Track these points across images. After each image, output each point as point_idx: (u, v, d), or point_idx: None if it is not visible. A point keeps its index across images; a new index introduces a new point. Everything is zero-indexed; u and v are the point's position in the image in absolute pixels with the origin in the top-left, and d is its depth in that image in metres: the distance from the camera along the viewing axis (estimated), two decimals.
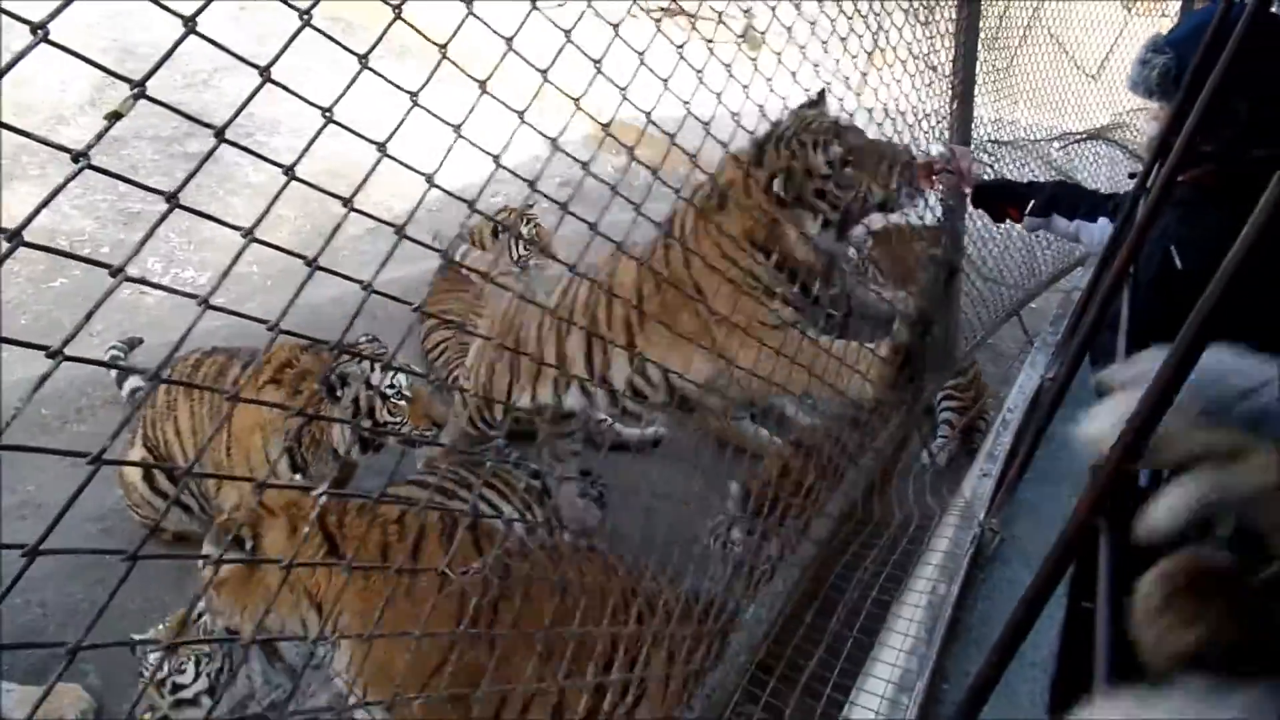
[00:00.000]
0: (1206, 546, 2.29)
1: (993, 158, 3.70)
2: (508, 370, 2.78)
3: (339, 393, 2.37)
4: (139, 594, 2.72)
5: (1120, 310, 1.79)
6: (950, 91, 3.08)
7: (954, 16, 2.93)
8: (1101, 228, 2.55)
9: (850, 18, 2.14)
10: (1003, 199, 2.81)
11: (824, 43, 1.92)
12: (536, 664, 1.56)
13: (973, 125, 3.27)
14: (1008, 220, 2.89)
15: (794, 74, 1.80)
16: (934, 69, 2.87)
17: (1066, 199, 2.66)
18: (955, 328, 3.71)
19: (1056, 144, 4.91)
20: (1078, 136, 5.17)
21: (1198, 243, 1.99)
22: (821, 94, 2.22)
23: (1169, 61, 2.06)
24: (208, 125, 0.80)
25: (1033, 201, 2.68)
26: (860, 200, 2.23)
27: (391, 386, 2.45)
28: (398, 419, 2.47)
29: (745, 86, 1.65)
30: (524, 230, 3.99)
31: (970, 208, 3.02)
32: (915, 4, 2.61)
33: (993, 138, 3.79)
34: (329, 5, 1.00)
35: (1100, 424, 0.95)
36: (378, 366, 2.40)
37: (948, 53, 2.96)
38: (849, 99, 2.29)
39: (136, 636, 2.20)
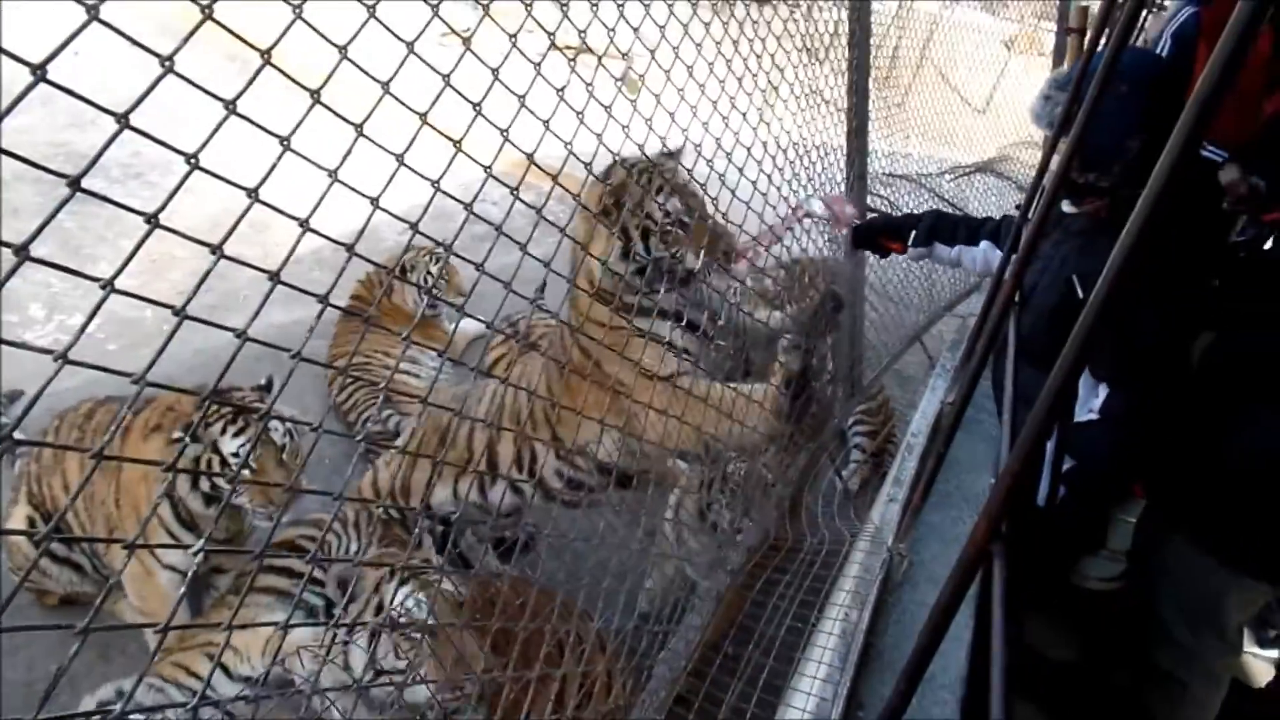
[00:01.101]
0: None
1: (888, 189, 3.85)
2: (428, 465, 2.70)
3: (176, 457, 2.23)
4: (21, 664, 2.54)
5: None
6: (846, 126, 3.19)
7: (846, 56, 3.04)
8: (983, 251, 2.67)
9: (745, 58, 2.20)
10: (883, 235, 2.93)
11: (700, 85, 1.95)
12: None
13: (869, 158, 3.39)
14: (892, 254, 3.00)
15: (672, 115, 1.82)
16: (830, 104, 2.97)
17: (945, 227, 2.77)
18: (861, 355, 3.81)
19: (948, 176, 5.14)
20: (967, 169, 5.43)
21: (1098, 274, 2.10)
22: (681, 148, 2.21)
23: (1067, 99, 2.18)
24: (61, 175, 0.76)
25: (913, 233, 2.79)
26: (670, 259, 2.21)
27: (235, 455, 2.25)
28: (235, 490, 2.30)
29: (625, 127, 1.67)
30: (433, 270, 3.94)
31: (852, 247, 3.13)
32: (813, 44, 2.70)
33: (888, 170, 3.94)
34: (230, 43, 0.97)
35: None
36: (230, 429, 2.25)
37: (842, 89, 3.07)
38: (745, 132, 2.35)
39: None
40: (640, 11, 1.71)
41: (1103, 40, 2.08)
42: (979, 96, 5.68)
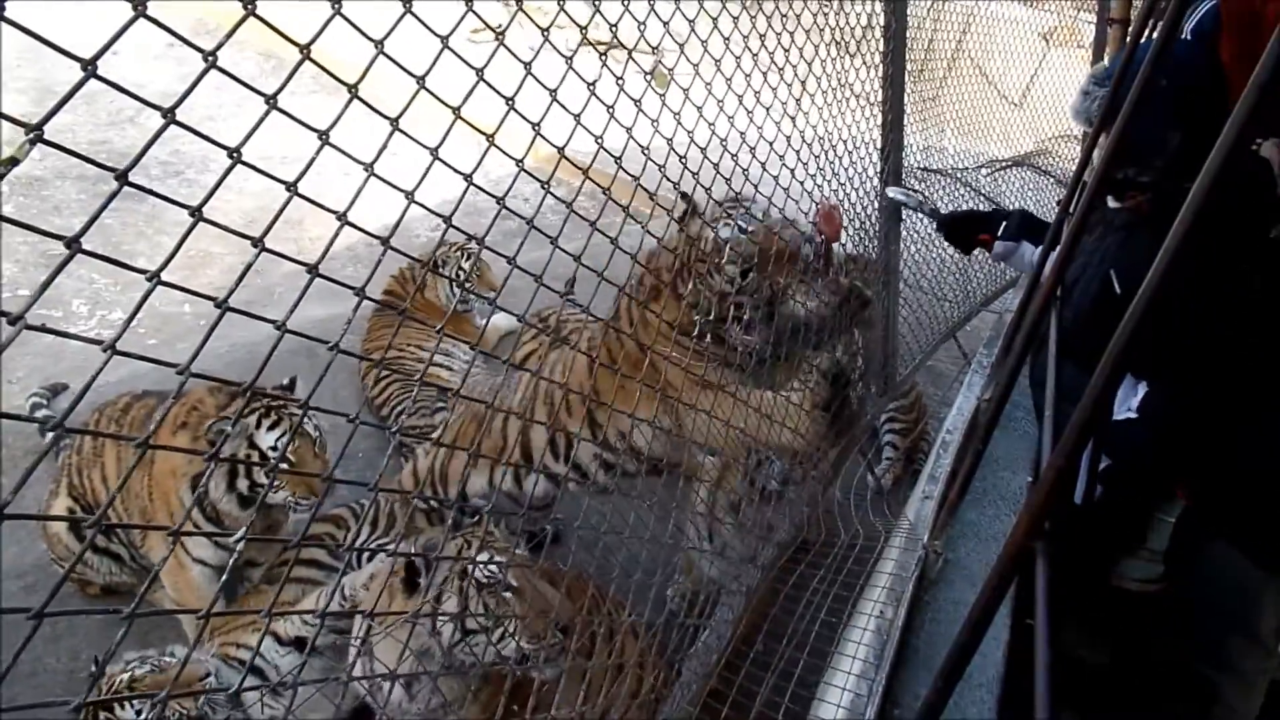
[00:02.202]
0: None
1: (923, 183, 3.80)
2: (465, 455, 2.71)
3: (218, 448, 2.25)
4: (65, 652, 2.60)
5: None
6: (881, 120, 3.16)
7: (881, 49, 3.01)
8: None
9: (773, 51, 2.18)
10: (973, 229, 2.89)
11: (728, 79, 1.94)
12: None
13: (904, 152, 3.36)
14: (978, 250, 2.97)
15: (699, 110, 1.81)
16: (863, 98, 2.95)
17: (1036, 226, 2.73)
18: (894, 351, 3.78)
19: (984, 170, 5.07)
20: (1004, 163, 5.35)
21: (1135, 268, 2.06)
22: (740, 194, 2.27)
23: (1109, 95, 2.14)
24: (109, 169, 0.77)
25: (1004, 224, 2.75)
26: (771, 291, 2.28)
27: (273, 448, 2.27)
28: (274, 483, 2.33)
29: (654, 121, 1.66)
30: (464, 265, 3.96)
31: (944, 240, 3.11)
32: (844, 37, 2.68)
33: (923, 165, 3.90)
34: (264, 41, 0.98)
35: None
36: (264, 423, 2.27)
37: (877, 83, 3.04)
38: (784, 127, 2.34)
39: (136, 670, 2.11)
40: (671, 6, 1.70)
41: (1146, 32, 2.04)
42: (1015, 90, 5.59)
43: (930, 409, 4.27)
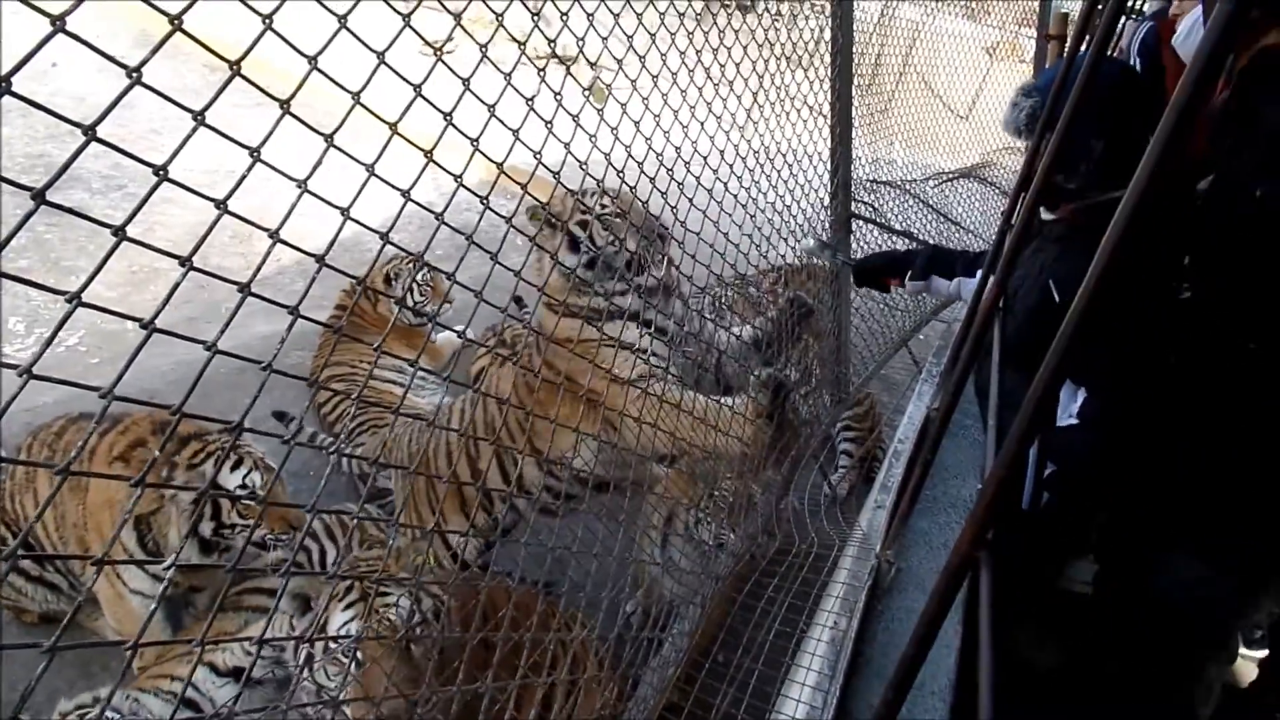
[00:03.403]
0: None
1: (873, 195, 3.86)
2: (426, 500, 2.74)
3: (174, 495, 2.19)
4: (21, 681, 2.51)
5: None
6: (830, 133, 3.21)
7: (829, 63, 3.06)
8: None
9: (724, 64, 2.20)
10: (881, 273, 2.97)
11: (662, 94, 1.95)
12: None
13: (853, 165, 3.41)
14: (892, 289, 3.05)
15: (636, 124, 1.83)
16: (812, 111, 2.98)
17: (942, 261, 2.82)
18: (847, 360, 3.82)
19: (932, 182, 5.16)
20: (951, 175, 5.45)
21: (1073, 278, 2.11)
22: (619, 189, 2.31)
23: (1035, 104, 2.20)
24: (26, 188, 0.74)
25: (910, 270, 2.83)
26: (615, 249, 2.30)
27: (243, 486, 2.23)
28: (247, 521, 2.25)
29: (592, 136, 1.67)
30: (418, 278, 3.91)
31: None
32: (791, 52, 2.71)
33: (872, 177, 3.95)
34: (211, 56, 0.95)
35: None
36: (227, 464, 2.21)
37: (825, 96, 3.08)
38: (733, 137, 2.36)
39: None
40: (610, 22, 1.71)
41: (1082, 47, 2.10)
42: (962, 102, 5.71)
43: (884, 417, 4.32)
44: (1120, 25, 2.77)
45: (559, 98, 1.54)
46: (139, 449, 2.24)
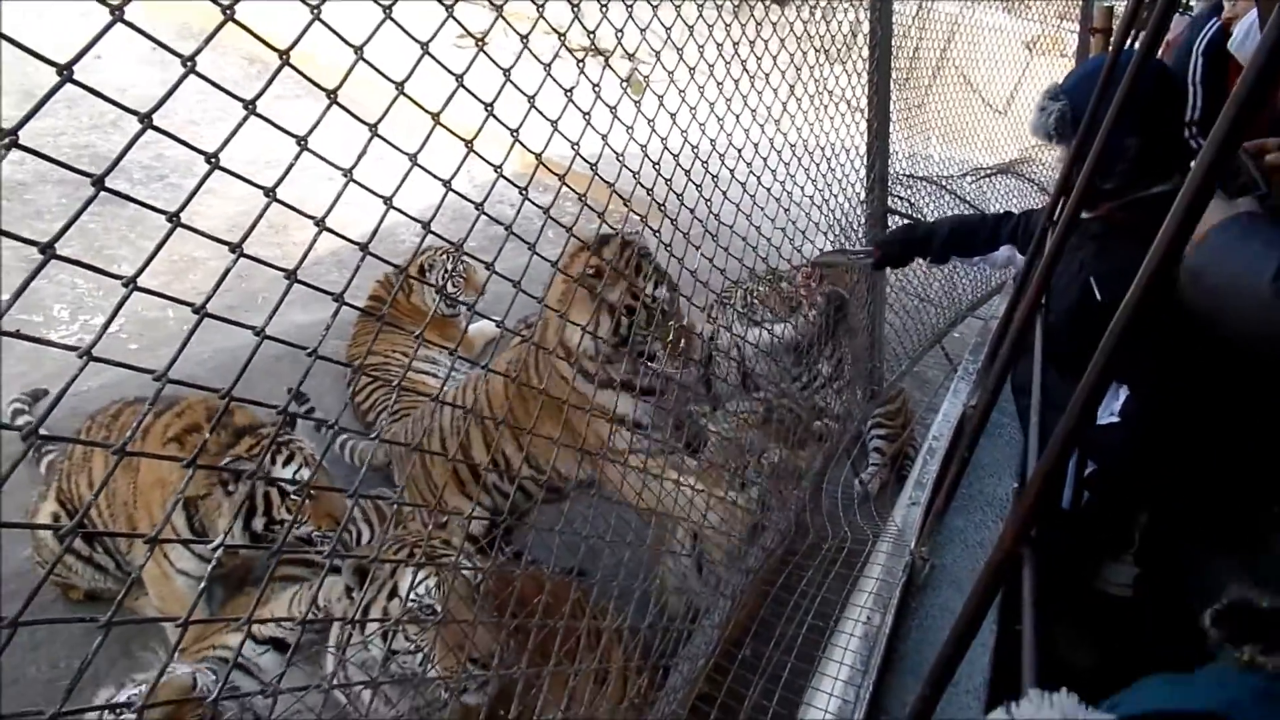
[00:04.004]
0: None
1: (909, 190, 3.82)
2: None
3: (230, 489, 2.22)
4: (44, 660, 2.56)
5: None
6: (866, 127, 3.18)
7: (866, 56, 3.03)
8: (1006, 255, 2.66)
9: (760, 57, 2.19)
10: (906, 254, 2.93)
11: (700, 86, 1.95)
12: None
13: (889, 159, 3.38)
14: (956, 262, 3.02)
15: (673, 116, 1.83)
16: (850, 105, 2.96)
17: (962, 239, 2.76)
18: (882, 355, 3.79)
19: (969, 178, 5.10)
20: (988, 170, 5.38)
21: (1113, 276, 2.08)
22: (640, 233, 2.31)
23: (1063, 108, 2.16)
24: (84, 174, 0.76)
25: (930, 254, 2.79)
26: (645, 345, 2.28)
27: (292, 482, 2.25)
28: (296, 519, 2.23)
29: (629, 128, 1.67)
30: (449, 269, 3.94)
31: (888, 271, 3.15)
32: (829, 45, 2.69)
33: (908, 172, 3.92)
34: (249, 45, 0.97)
35: None
36: (278, 458, 2.24)
37: (863, 89, 3.06)
38: (768, 131, 2.34)
39: (122, 696, 2.07)
40: (649, 13, 1.71)
41: (1128, 42, 2.06)
42: (1000, 97, 5.63)
43: (916, 415, 4.27)
44: (1204, 28, 2.73)
45: (597, 89, 1.54)
46: (193, 434, 2.29)
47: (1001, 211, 2.87)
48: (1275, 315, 1.46)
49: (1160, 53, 2.56)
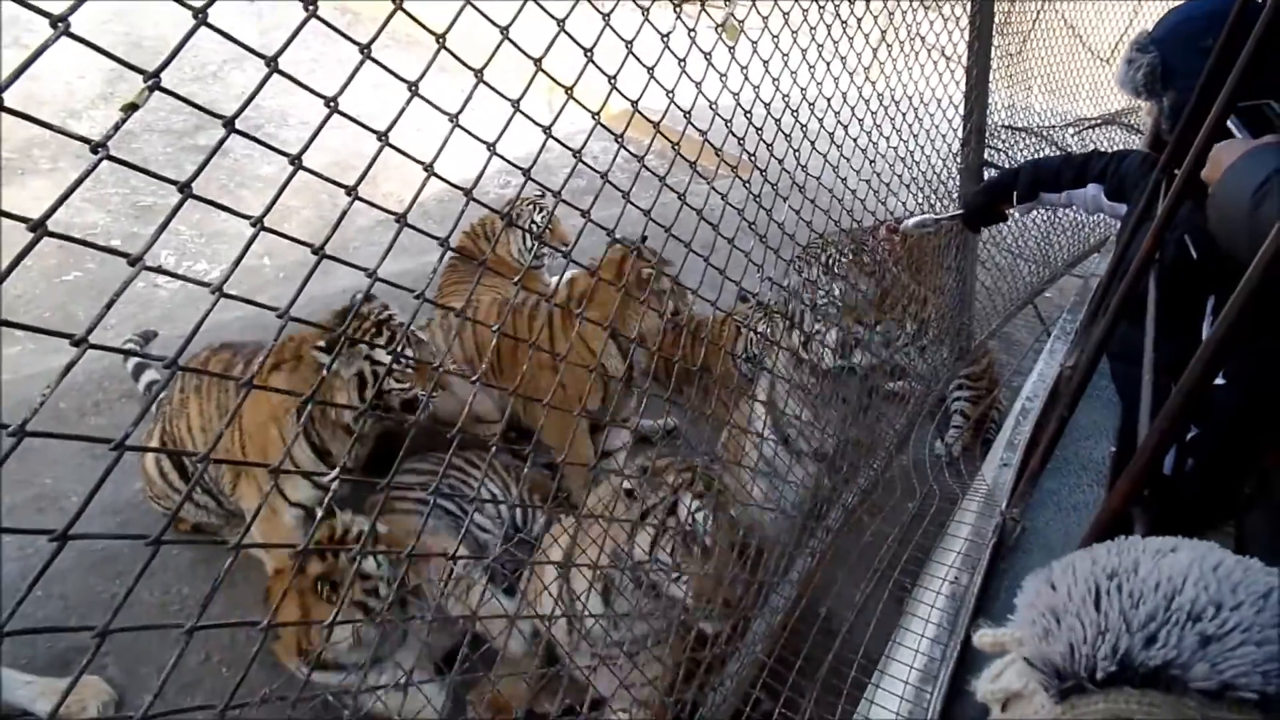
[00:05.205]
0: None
1: (1007, 142, 3.67)
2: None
3: (337, 364, 2.34)
4: (157, 586, 2.73)
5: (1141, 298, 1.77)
6: (965, 77, 3.06)
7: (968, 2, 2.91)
8: (1092, 194, 2.53)
9: (853, 2, 2.13)
10: (991, 205, 2.81)
11: (794, 32, 1.90)
12: None
13: (988, 111, 3.25)
14: (1007, 215, 2.89)
15: (766, 64, 1.79)
16: (946, 53, 2.85)
17: (1047, 176, 2.62)
18: (970, 314, 3.69)
19: (1071, 129, 4.86)
20: (1093, 122, 5.12)
21: (1210, 234, 1.98)
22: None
23: (1154, 60, 2.01)
24: (217, 116, 0.79)
25: (1017, 193, 2.67)
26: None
27: (403, 358, 2.38)
28: (405, 385, 2.42)
29: (723, 75, 1.64)
30: (536, 220, 3.96)
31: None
32: None
33: (1007, 123, 3.76)
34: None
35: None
36: (378, 341, 2.33)
37: (961, 35, 2.94)
38: (858, 79, 2.28)
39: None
40: None
41: None
42: (1106, 46, 5.32)
43: (1003, 378, 4.15)
44: None
45: (693, 34, 1.53)
46: (288, 343, 2.42)
47: (1090, 150, 2.74)
48: (1256, 229, 1.37)
49: None
